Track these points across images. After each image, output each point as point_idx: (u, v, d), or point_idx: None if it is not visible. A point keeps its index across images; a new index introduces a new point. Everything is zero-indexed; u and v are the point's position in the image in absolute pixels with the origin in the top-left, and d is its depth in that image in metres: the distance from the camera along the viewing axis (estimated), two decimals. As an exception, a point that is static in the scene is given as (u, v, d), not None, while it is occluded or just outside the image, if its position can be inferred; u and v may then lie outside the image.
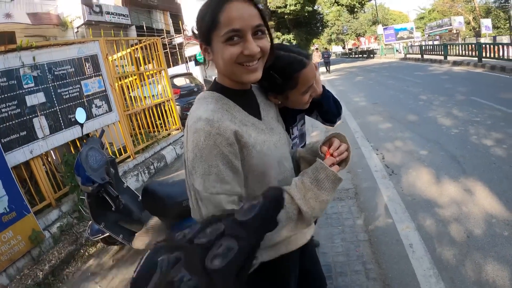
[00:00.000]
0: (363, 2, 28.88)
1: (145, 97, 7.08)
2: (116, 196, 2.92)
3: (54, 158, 4.79)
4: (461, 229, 3.14)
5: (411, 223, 3.34)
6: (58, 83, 4.62)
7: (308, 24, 32.06)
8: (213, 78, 1.24)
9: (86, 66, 5.15)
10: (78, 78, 4.98)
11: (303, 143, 1.78)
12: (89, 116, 5.01)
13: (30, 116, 4.21)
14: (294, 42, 30.22)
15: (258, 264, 1.18)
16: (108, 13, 20.37)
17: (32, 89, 4.27)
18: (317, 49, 24.60)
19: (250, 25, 1.00)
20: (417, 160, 4.92)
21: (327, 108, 1.56)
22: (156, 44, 7.34)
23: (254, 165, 1.07)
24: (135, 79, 6.97)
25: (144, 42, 7.26)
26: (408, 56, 26.41)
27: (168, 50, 22.63)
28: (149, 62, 7.53)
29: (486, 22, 35.38)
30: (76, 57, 5.00)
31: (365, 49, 44.47)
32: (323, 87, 1.52)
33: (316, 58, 22.73)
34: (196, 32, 1.12)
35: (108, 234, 3.16)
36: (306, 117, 1.76)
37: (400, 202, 3.78)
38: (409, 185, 4.19)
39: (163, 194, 2.72)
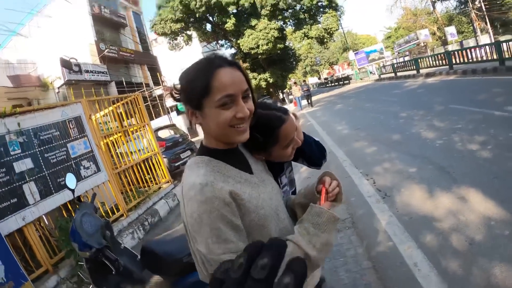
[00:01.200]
0: (331, 32, 30.10)
1: (131, 152, 7.19)
2: (115, 259, 2.93)
3: (47, 223, 4.77)
4: (462, 238, 3.22)
5: (412, 242, 3.40)
6: (44, 147, 4.72)
7: (282, 60, 33.17)
8: (199, 132, 1.30)
9: (70, 128, 5.27)
10: (64, 141, 5.08)
11: (293, 189, 1.85)
12: (79, 178, 5.03)
13: (20, 183, 4.27)
14: (271, 80, 31.11)
15: None
16: (87, 71, 20.99)
17: (19, 155, 4.36)
18: (295, 83, 25.13)
19: (240, 89, 1.10)
20: (407, 178, 5.04)
21: (310, 154, 1.64)
22: (137, 99, 7.56)
23: (253, 220, 1.12)
24: (120, 136, 7.10)
25: (125, 99, 7.46)
26: (382, 76, 27.32)
27: (149, 102, 23.02)
28: (132, 117, 7.67)
29: (451, 30, 37.17)
30: (60, 120, 5.13)
31: (340, 76, 45.81)
32: (304, 134, 1.60)
33: (297, 92, 23.11)
34: (176, 95, 1.19)
35: None
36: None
37: (398, 224, 3.85)
38: (403, 205, 4.29)
39: (162, 253, 2.74)
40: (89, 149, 5.55)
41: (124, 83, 23.70)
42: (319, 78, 71.99)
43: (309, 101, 22.92)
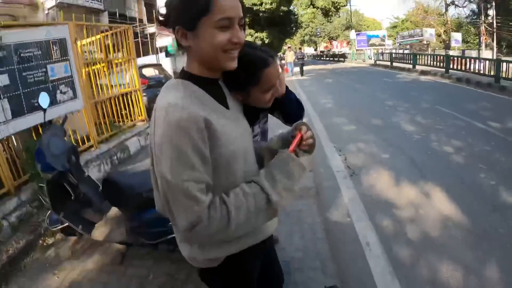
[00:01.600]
0: (338, 7, 29.53)
1: (112, 86, 6.91)
2: (76, 184, 2.87)
3: (15, 144, 4.57)
4: (417, 230, 3.28)
5: (369, 223, 3.45)
6: (23, 65, 4.42)
7: (282, 23, 32.34)
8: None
9: (53, 49, 4.95)
10: (45, 61, 4.77)
11: (265, 140, 1.79)
12: (54, 102, 4.81)
13: None
14: (267, 41, 30.40)
15: (224, 257, 1.23)
16: None
17: None
18: (289, 47, 24.57)
19: (238, 15, 1.05)
20: (379, 162, 5.09)
21: (289, 110, 1.60)
22: (127, 32, 7.18)
23: (222, 154, 1.08)
24: (103, 66, 6.80)
25: (115, 29, 7.08)
26: (378, 62, 27.20)
27: (139, 39, 22.35)
28: (119, 51, 7.34)
29: (456, 36, 37.07)
30: (44, 39, 4.80)
31: (337, 53, 45.35)
32: (287, 88, 1.55)
33: (289, 58, 22.36)
34: (163, 17, 1.13)
35: (67, 224, 3.08)
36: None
37: (359, 202, 3.90)
38: (369, 186, 4.33)
39: (124, 185, 2.70)
40: (69, 74, 5.23)
41: (118, 15, 22.58)
42: (315, 50, 71.03)
43: (301, 70, 22.25)
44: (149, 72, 11.32)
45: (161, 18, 1.13)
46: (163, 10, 1.12)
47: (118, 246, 3.31)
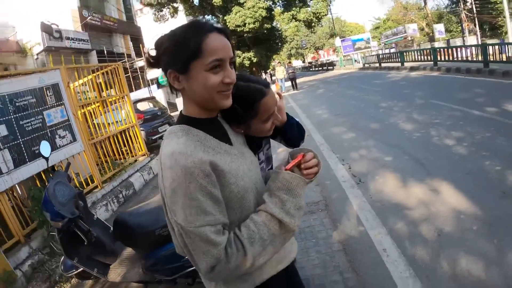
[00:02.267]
0: (319, 17, 29.91)
1: (108, 123, 7.03)
2: (87, 230, 2.89)
3: (19, 192, 4.62)
4: (431, 228, 3.30)
5: (383, 229, 3.47)
6: (20, 114, 4.52)
7: (267, 40, 32.80)
8: (178, 107, 1.26)
9: (47, 95, 5.06)
10: (40, 108, 4.88)
11: (270, 166, 1.83)
12: (53, 147, 4.89)
13: None
14: (255, 60, 30.78)
15: None
16: (68, 38, 20.34)
17: None
18: (279, 63, 24.65)
19: (229, 56, 1.10)
20: (383, 166, 5.12)
21: (290, 135, 1.63)
22: (118, 69, 7.34)
23: (233, 192, 1.11)
24: (98, 106, 6.94)
25: (105, 68, 7.23)
26: (366, 65, 27.48)
27: (129, 74, 22.60)
28: (111, 88, 7.48)
29: (439, 27, 37.63)
30: (37, 86, 4.92)
31: (325, 62, 45.85)
32: (287, 114, 1.59)
33: (279, 74, 21.93)
34: (153, 59, 1.16)
35: (82, 269, 3.10)
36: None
37: (370, 209, 3.92)
38: (377, 191, 4.36)
39: (134, 224, 2.73)
40: (66, 118, 5.36)
41: (106, 52, 23.10)
42: (303, 62, 71.88)
43: (293, 83, 22.05)
44: (143, 106, 11.52)
45: (151, 60, 1.16)
46: (152, 52, 1.16)
47: (136, 285, 3.34)
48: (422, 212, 3.63)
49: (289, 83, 22.99)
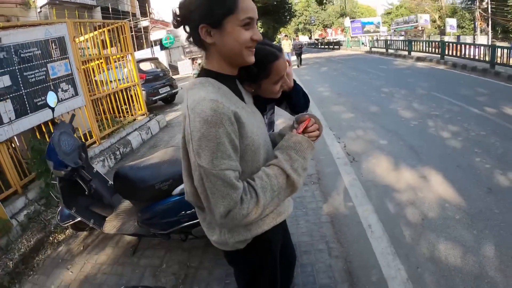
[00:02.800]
0: (332, -6, 29.33)
1: (110, 81, 6.99)
2: (89, 179, 2.95)
3: (18, 144, 4.64)
4: (416, 212, 3.44)
5: (370, 206, 3.61)
6: (24, 65, 4.47)
7: (276, 12, 32.17)
8: (179, 70, 1.31)
9: (53, 48, 5.01)
10: (45, 61, 4.83)
11: (271, 131, 1.92)
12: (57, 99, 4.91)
13: None
14: (262, 30, 30.22)
15: (251, 238, 1.34)
16: None
17: None
18: (286, 36, 24.01)
19: (256, 16, 1.20)
20: (377, 148, 5.24)
21: (296, 101, 1.72)
22: (124, 27, 7.23)
23: (249, 144, 1.20)
24: (101, 62, 6.88)
25: (111, 25, 7.13)
26: (373, 49, 27.21)
27: (133, 33, 22.22)
28: (115, 46, 7.39)
29: (451, 22, 37.09)
30: (43, 39, 4.85)
31: (332, 40, 45.27)
32: (294, 81, 1.68)
33: (286, 47, 20.32)
34: (179, 17, 1.22)
35: (78, 219, 3.19)
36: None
37: (360, 187, 4.05)
38: (368, 171, 4.48)
39: (136, 178, 2.80)
40: (69, 72, 5.32)
41: (111, 9, 22.53)
42: (310, 38, 70.86)
43: (298, 60, 21.04)
44: (146, 66, 11.40)
45: (178, 18, 1.23)
46: (179, 11, 1.22)
47: (130, 238, 3.44)
48: (409, 196, 3.77)
49: (294, 57, 22.07)
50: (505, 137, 5.27)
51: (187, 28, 1.23)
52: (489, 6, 33.96)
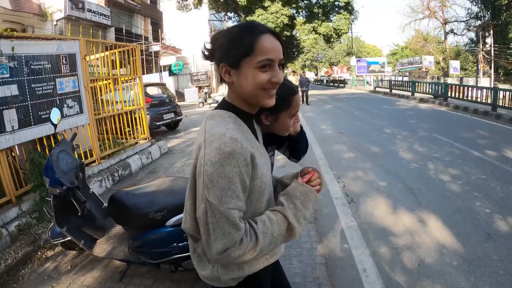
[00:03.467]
0: (340, 33, 29.96)
1: (116, 102, 7.10)
2: (83, 201, 2.96)
3: (18, 154, 4.68)
4: (413, 257, 3.39)
5: (366, 250, 3.56)
6: (33, 77, 4.57)
7: (284, 48, 32.82)
8: (186, 97, 1.35)
9: (63, 63, 5.13)
10: (54, 75, 4.94)
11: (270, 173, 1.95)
12: (61, 116, 4.96)
13: (1, 108, 4.13)
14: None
15: (243, 277, 1.34)
16: (90, 10, 20.64)
17: (6, 79, 4.19)
18: (294, 72, 24.00)
19: (279, 57, 1.20)
20: (376, 190, 5.21)
21: (300, 146, 1.75)
22: (135, 50, 7.43)
23: (257, 186, 1.22)
24: (109, 83, 7.01)
25: (123, 47, 7.31)
26: (377, 89, 27.56)
27: (144, 56, 22.63)
28: (125, 67, 7.54)
29: (455, 64, 37.76)
30: (55, 53, 4.98)
31: (337, 78, 45.94)
32: (300, 126, 1.72)
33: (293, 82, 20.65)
34: (208, 52, 1.28)
35: (69, 238, 3.18)
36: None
37: (357, 229, 4.01)
38: (366, 213, 4.45)
39: (130, 204, 2.81)
40: (77, 89, 5.44)
41: (124, 31, 23.39)
42: (316, 75, 72.07)
43: (305, 97, 19.46)
44: (153, 91, 11.56)
45: (206, 53, 1.29)
46: (208, 45, 1.28)
47: (118, 263, 3.40)
48: (406, 240, 3.72)
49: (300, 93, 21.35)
50: (505, 181, 5.25)
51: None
52: (492, 49, 34.58)
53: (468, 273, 3.08)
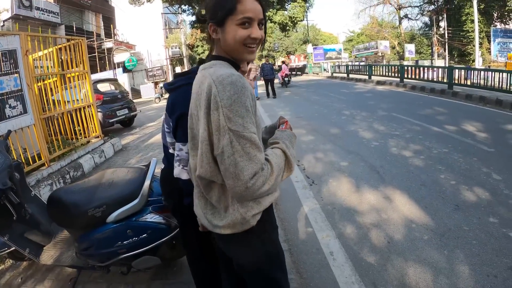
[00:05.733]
0: (295, 21, 30.15)
1: (67, 101, 6.68)
2: (18, 203, 2.58)
3: None
4: (381, 235, 3.23)
5: (331, 232, 3.37)
6: None
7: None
8: (142, 94, 1.15)
9: (2, 61, 4.76)
10: None
11: None
12: (2, 117, 4.64)
13: None
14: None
15: (261, 213, 1.39)
16: (38, 8, 20.11)
17: None
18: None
19: (257, 17, 1.35)
20: (338, 170, 5.07)
21: None
22: (81, 44, 6.98)
23: (258, 122, 1.32)
24: (55, 81, 6.57)
25: (68, 42, 6.84)
26: (335, 74, 27.91)
27: (96, 54, 21.92)
28: (77, 66, 7.08)
29: (410, 47, 39.05)
30: None
31: (295, 67, 46.20)
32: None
33: (252, 74, 12.76)
34: (202, 16, 1.43)
35: (13, 248, 2.79)
36: None
37: (320, 211, 3.82)
38: (329, 194, 4.28)
39: (69, 203, 2.51)
40: (19, 88, 5.07)
41: (75, 28, 22.71)
42: (274, 64, 72.38)
43: (270, 87, 16.79)
44: (104, 87, 11.16)
45: (200, 17, 1.45)
46: (203, 12, 1.44)
47: (70, 271, 3.09)
48: (373, 218, 3.57)
49: (262, 90, 18.03)
50: (467, 153, 5.26)
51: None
52: (446, 32, 35.88)
53: (441, 246, 2.96)
